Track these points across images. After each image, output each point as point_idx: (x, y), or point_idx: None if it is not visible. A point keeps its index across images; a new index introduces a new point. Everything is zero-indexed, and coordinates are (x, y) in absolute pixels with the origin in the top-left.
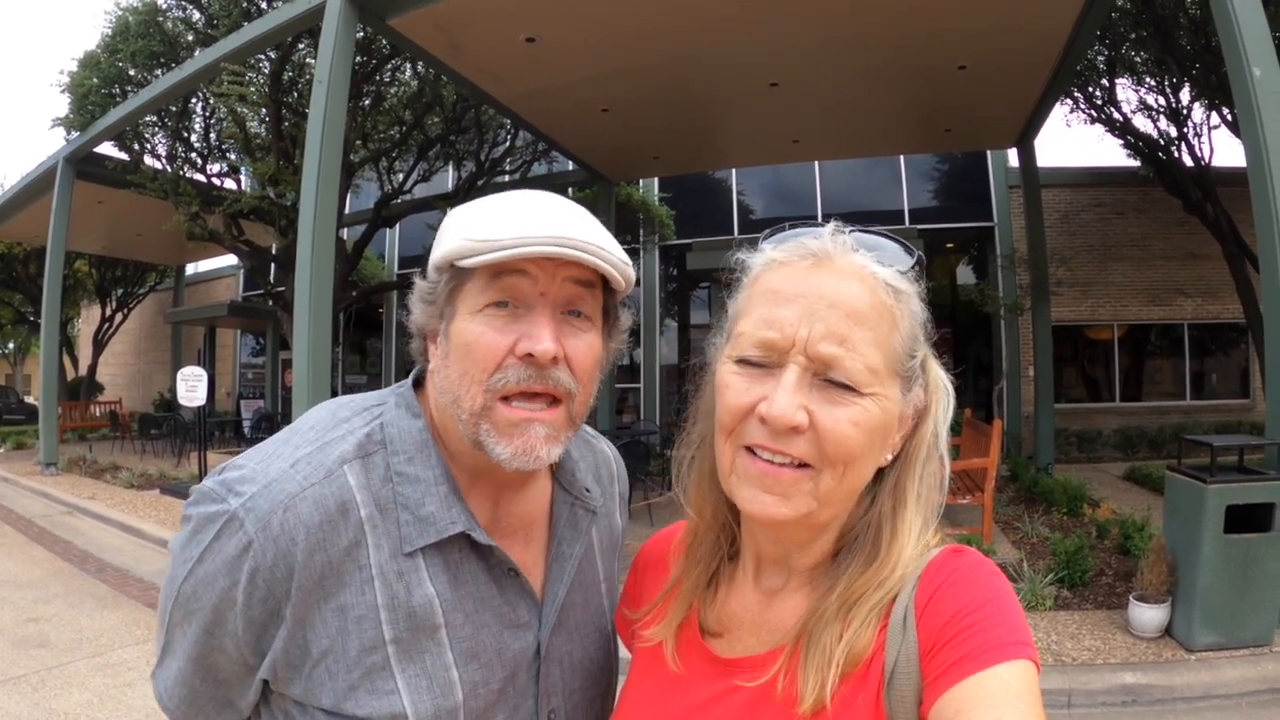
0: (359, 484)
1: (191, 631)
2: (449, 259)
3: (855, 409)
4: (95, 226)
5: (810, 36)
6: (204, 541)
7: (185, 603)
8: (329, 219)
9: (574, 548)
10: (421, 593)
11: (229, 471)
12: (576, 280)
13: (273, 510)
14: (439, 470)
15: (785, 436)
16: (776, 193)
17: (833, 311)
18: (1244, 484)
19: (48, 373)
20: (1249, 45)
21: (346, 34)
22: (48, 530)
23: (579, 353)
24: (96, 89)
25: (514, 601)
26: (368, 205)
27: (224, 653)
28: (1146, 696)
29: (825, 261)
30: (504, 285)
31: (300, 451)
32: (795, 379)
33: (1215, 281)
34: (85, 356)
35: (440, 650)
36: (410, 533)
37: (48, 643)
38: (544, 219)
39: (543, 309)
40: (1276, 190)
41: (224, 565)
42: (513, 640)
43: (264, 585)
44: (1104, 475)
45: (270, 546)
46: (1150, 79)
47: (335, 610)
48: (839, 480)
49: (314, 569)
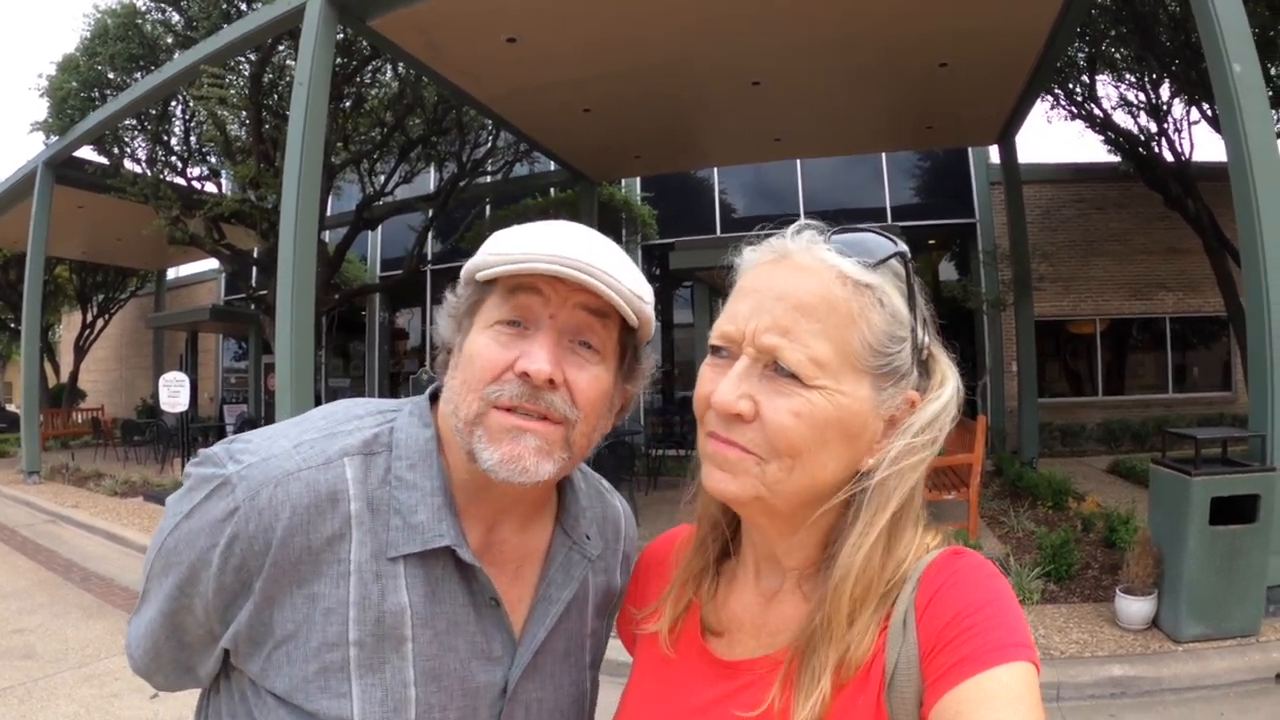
0: (355, 478)
1: (167, 585)
2: (470, 272)
3: (798, 400)
4: (75, 231)
5: (792, 35)
6: (195, 499)
7: (167, 555)
8: (310, 222)
9: (563, 592)
10: (395, 600)
11: (237, 442)
12: (587, 308)
13: (264, 483)
14: (437, 481)
15: (733, 424)
16: (759, 191)
17: (779, 303)
18: (1228, 476)
19: (29, 380)
20: (1229, 41)
21: (327, 35)
22: (31, 539)
23: (581, 383)
24: (75, 92)
25: (490, 633)
26: (349, 207)
27: (192, 614)
28: (1135, 688)
29: (785, 258)
30: (517, 303)
31: (306, 436)
32: (743, 369)
33: (1196, 275)
34: (67, 363)
35: (403, 665)
36: (397, 538)
37: (33, 654)
38: (560, 242)
39: (548, 332)
40: (1257, 185)
41: (208, 525)
42: (480, 672)
43: (240, 553)
44: (1088, 469)
45: (254, 517)
46: (1130, 75)
47: (306, 597)
48: (787, 471)
49: (291, 550)
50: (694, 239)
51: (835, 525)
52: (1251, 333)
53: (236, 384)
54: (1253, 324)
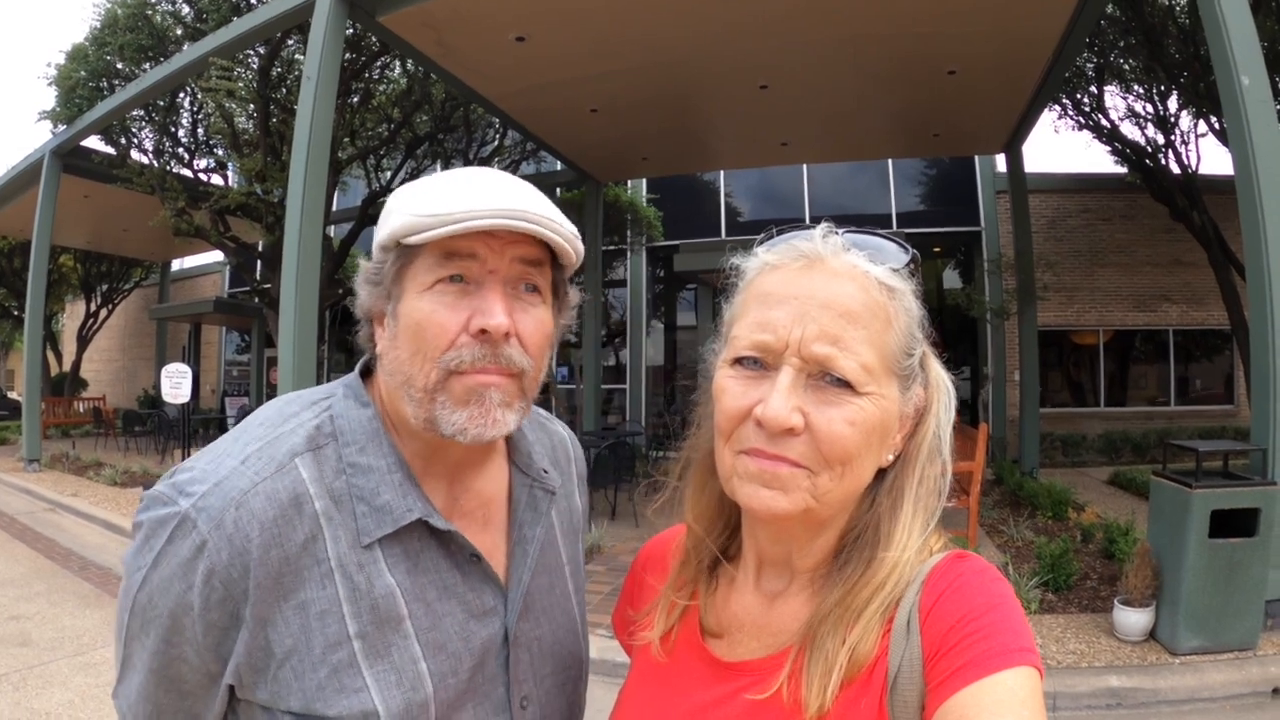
0: (312, 476)
1: (150, 642)
2: (395, 237)
3: (851, 408)
4: (81, 221)
5: (801, 40)
6: (156, 547)
7: (141, 612)
8: (316, 216)
9: (535, 530)
10: (383, 584)
11: (179, 474)
12: (525, 259)
13: (225, 507)
14: (392, 458)
15: (781, 439)
16: (764, 195)
17: (825, 311)
18: (1229, 489)
19: (31, 368)
20: (1238, 54)
21: (336, 30)
22: (30, 527)
23: (529, 328)
24: (84, 82)
25: (478, 588)
26: (355, 203)
27: (185, 662)
28: (1131, 699)
29: (817, 262)
30: (457, 261)
31: (250, 448)
32: (790, 381)
33: (1200, 288)
34: (69, 352)
35: (406, 643)
36: (367, 524)
37: (29, 641)
38: (492, 193)
39: (494, 284)
40: (1263, 198)
41: (178, 569)
42: (479, 628)
43: (221, 586)
44: (1088, 479)
45: (225, 545)
46: (1139, 86)
47: (296, 608)
48: (838, 480)
49: (270, 565)
50: (699, 241)
51: (852, 521)
52: (1255, 346)
53: (239, 376)
54: (1256, 338)
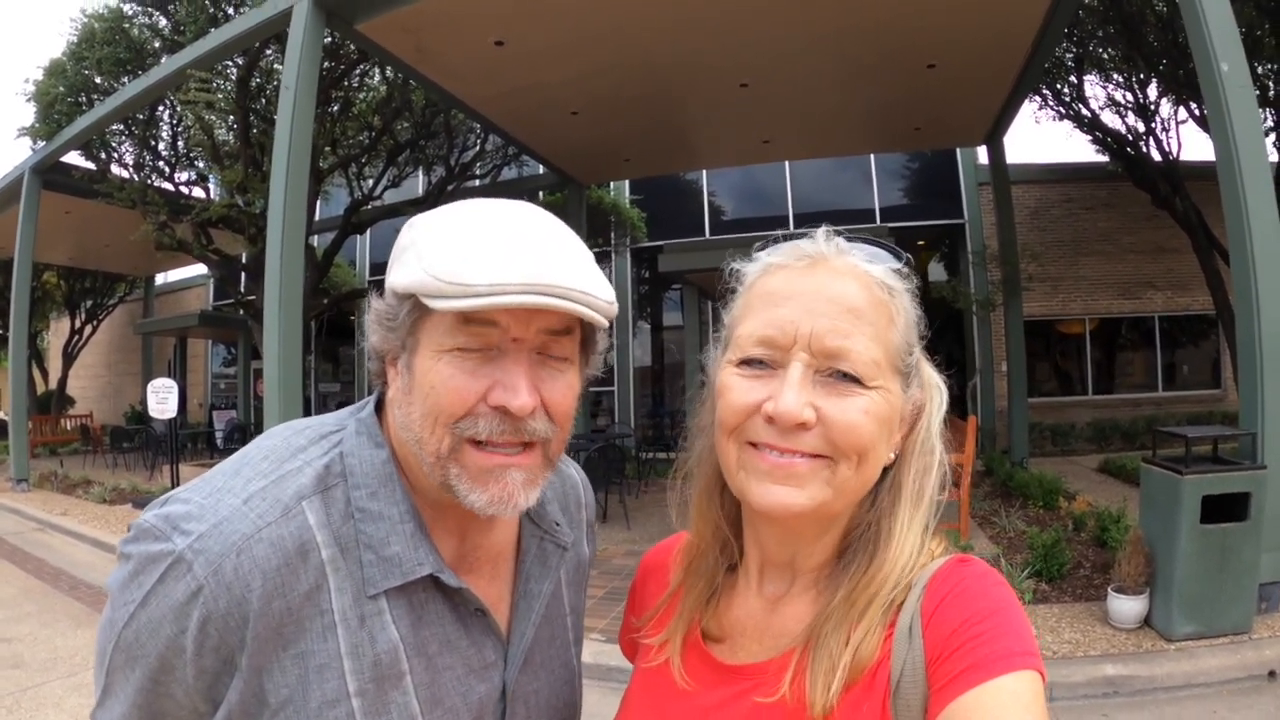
0: (319, 522)
1: (136, 678)
2: (413, 291)
3: (864, 399)
4: (63, 237)
5: (780, 37)
6: (146, 585)
7: (127, 648)
8: (298, 226)
9: (543, 585)
10: (386, 638)
11: (172, 505)
12: (553, 330)
13: (225, 553)
14: (404, 507)
15: (793, 434)
16: (748, 194)
17: (832, 306)
18: (1219, 474)
19: (17, 387)
20: (1216, 40)
21: (314, 39)
22: (19, 548)
23: (556, 396)
24: (62, 97)
25: (480, 642)
26: (337, 212)
27: (173, 699)
28: (1127, 687)
29: (820, 261)
30: (474, 331)
31: (253, 485)
32: (800, 375)
33: (1185, 274)
34: (55, 369)
35: (406, 700)
36: (374, 574)
37: (22, 663)
38: (521, 259)
39: (517, 355)
40: (1245, 182)
41: (170, 611)
42: (478, 683)
43: (216, 634)
44: (1078, 468)
45: (223, 593)
46: (1118, 75)
47: (295, 658)
48: (855, 470)
49: (272, 616)
50: (683, 241)
51: (853, 521)
52: (1241, 331)
53: (226, 389)
54: (1242, 322)
